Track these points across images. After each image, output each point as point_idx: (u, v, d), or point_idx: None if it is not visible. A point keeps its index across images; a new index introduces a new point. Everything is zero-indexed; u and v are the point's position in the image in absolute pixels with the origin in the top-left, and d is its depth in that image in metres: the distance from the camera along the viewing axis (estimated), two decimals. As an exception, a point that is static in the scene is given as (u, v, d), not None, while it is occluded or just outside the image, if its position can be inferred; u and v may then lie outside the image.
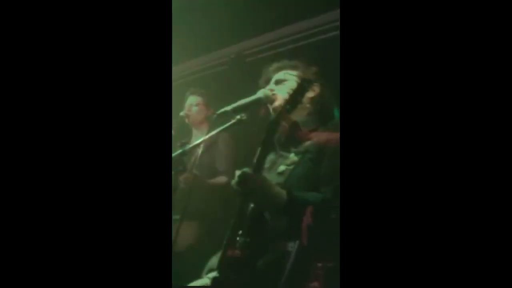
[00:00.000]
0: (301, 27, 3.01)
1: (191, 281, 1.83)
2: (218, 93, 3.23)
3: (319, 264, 1.48)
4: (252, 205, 1.70)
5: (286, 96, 1.82)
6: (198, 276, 1.85)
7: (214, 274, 1.68)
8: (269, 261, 1.60)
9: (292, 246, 1.53)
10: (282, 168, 1.79)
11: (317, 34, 2.91)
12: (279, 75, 1.96)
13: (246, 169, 1.65)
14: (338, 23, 2.64)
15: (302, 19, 3.02)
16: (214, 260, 1.82)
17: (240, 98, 1.91)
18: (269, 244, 1.63)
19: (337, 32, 2.64)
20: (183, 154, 1.96)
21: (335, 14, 2.79)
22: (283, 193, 1.63)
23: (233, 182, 1.64)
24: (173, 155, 1.90)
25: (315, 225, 1.53)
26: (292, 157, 1.80)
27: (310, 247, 1.52)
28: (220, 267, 1.64)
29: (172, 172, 1.82)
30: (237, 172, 1.64)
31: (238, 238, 1.62)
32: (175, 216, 1.86)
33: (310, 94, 1.85)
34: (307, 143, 1.78)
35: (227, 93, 3.08)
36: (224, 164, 3.01)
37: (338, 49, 1.39)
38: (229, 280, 1.60)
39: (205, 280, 1.78)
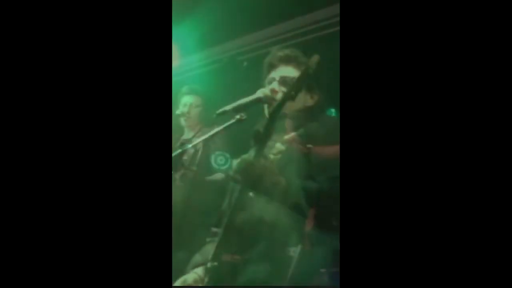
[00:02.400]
0: (300, 23, 2.98)
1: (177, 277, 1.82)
2: (215, 92, 3.18)
3: (323, 270, 1.44)
4: (251, 194, 1.68)
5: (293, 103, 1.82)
6: (182, 272, 1.84)
7: (202, 268, 1.68)
8: (270, 267, 1.57)
9: (295, 251, 1.51)
10: (270, 157, 1.77)
11: (316, 30, 2.87)
12: (283, 71, 1.94)
13: (245, 156, 1.63)
14: (338, 19, 2.61)
15: (300, 14, 2.98)
16: (198, 257, 1.83)
17: (236, 97, 1.90)
18: (269, 248, 1.61)
19: (337, 28, 2.60)
20: (182, 153, 1.94)
21: (335, 9, 2.75)
22: (282, 180, 1.61)
23: (232, 170, 1.64)
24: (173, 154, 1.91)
25: (318, 229, 1.49)
26: (279, 146, 1.78)
27: (313, 252, 1.50)
28: (214, 262, 1.62)
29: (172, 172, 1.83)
30: (236, 160, 1.63)
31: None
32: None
33: (308, 102, 1.87)
34: (293, 133, 1.77)
35: (224, 92, 3.05)
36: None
37: (338, 46, 1.36)
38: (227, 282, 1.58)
39: (193, 275, 1.77)
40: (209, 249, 1.70)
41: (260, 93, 1.89)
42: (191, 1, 3.10)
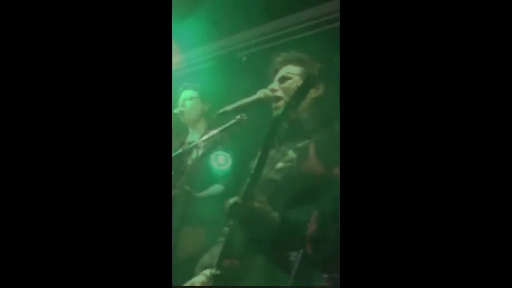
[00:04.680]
0: (298, 19, 2.94)
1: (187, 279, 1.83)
2: (213, 88, 3.13)
3: (325, 275, 1.43)
4: None
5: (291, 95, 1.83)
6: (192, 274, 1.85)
7: (210, 271, 1.68)
8: (271, 272, 1.57)
9: (296, 256, 1.48)
10: (280, 165, 1.81)
11: (316, 26, 2.83)
12: (283, 71, 1.96)
13: (236, 199, 1.63)
14: (338, 14, 2.58)
15: (299, 10, 2.94)
16: (207, 257, 1.84)
17: (235, 93, 1.93)
18: (270, 253, 1.60)
19: (337, 24, 2.57)
20: (183, 154, 1.96)
21: (335, 4, 2.71)
22: (276, 217, 1.62)
23: (225, 210, 1.64)
24: (173, 155, 1.92)
25: (320, 233, 1.46)
26: (291, 154, 1.80)
27: (315, 257, 1.48)
28: (219, 267, 1.63)
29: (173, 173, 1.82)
30: (228, 203, 1.63)
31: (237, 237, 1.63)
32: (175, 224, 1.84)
33: (312, 94, 1.86)
34: (307, 140, 1.79)
35: (222, 88, 3.01)
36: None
37: (338, 42, 1.36)
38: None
39: (201, 277, 1.78)
40: (218, 250, 1.71)
41: (260, 93, 1.91)
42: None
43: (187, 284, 1.78)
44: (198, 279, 1.77)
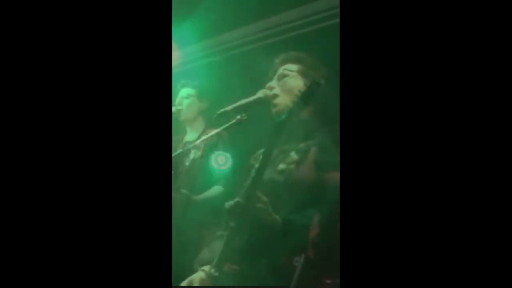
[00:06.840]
0: (298, 15, 2.91)
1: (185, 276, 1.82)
2: (211, 86, 3.10)
3: (328, 281, 1.40)
4: None
5: (288, 95, 1.84)
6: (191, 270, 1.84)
7: (209, 267, 1.68)
8: (271, 277, 1.54)
9: (298, 261, 1.46)
10: (282, 166, 1.79)
11: (315, 22, 2.81)
12: (281, 70, 1.96)
13: (238, 199, 1.61)
14: (338, 10, 2.55)
15: (298, 5, 2.91)
16: (206, 253, 1.83)
17: (233, 92, 1.94)
18: (271, 258, 1.59)
19: (337, 20, 2.54)
20: (184, 156, 1.96)
21: (335, 0, 2.69)
22: (278, 220, 1.60)
23: (226, 208, 1.62)
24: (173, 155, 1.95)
25: (323, 237, 1.45)
26: (293, 155, 1.78)
27: (318, 261, 1.45)
28: (218, 268, 1.62)
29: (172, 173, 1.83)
30: (229, 203, 1.61)
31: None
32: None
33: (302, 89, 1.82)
34: (310, 141, 1.77)
35: (220, 86, 2.98)
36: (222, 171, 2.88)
37: (337, 39, 1.34)
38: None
39: (200, 273, 1.76)
40: (219, 245, 1.69)
41: (260, 93, 1.91)
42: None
43: (186, 281, 1.76)
44: (197, 276, 1.75)
